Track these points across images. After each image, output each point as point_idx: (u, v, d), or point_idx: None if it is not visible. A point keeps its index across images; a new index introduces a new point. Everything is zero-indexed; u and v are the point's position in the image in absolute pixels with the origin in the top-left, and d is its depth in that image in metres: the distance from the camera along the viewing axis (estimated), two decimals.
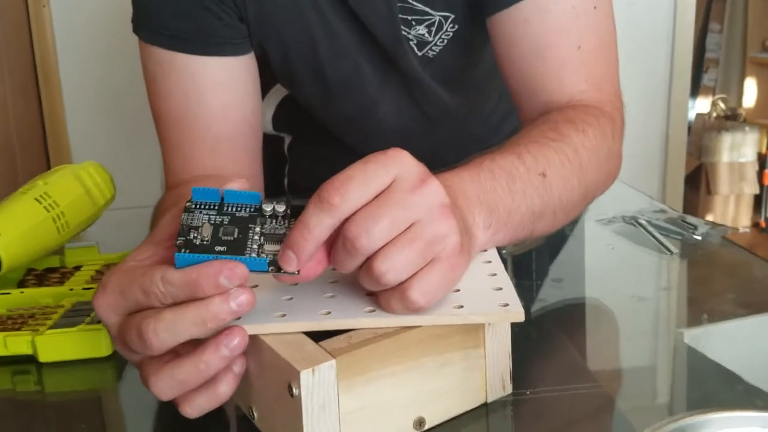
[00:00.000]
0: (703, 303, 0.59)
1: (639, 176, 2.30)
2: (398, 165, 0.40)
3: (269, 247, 0.40)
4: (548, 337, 0.54)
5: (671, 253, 0.67)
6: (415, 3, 0.69)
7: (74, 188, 0.71)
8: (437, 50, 0.74)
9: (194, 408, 0.40)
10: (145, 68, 0.71)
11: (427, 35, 0.72)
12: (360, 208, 0.39)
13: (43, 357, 0.52)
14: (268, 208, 0.40)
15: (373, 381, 0.39)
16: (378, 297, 0.41)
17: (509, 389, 0.45)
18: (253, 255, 0.39)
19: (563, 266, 0.70)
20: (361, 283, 0.40)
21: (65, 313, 0.57)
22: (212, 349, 0.38)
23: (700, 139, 3.01)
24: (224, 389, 0.40)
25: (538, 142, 0.57)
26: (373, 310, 0.41)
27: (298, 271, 0.39)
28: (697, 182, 2.98)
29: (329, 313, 0.40)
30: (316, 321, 0.40)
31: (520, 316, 0.41)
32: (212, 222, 0.40)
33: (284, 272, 0.39)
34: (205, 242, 0.39)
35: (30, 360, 0.53)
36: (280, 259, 0.39)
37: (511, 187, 0.52)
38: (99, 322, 0.54)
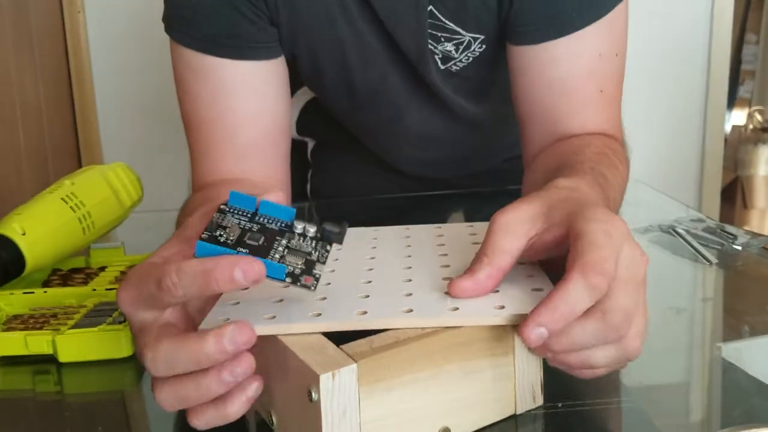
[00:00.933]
0: (743, 315, 0.57)
1: (675, 189, 2.26)
2: (626, 239, 0.40)
3: (291, 259, 0.39)
4: None
5: (710, 263, 0.65)
6: (447, 21, 0.69)
7: (101, 189, 0.70)
8: (461, 66, 0.74)
9: (201, 422, 0.38)
10: (175, 69, 0.70)
11: (453, 52, 0.72)
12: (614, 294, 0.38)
13: (63, 357, 0.52)
14: (299, 226, 0.40)
15: (395, 388, 0.37)
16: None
17: (540, 401, 0.43)
18: (275, 260, 0.38)
19: None
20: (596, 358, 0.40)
21: (87, 313, 0.56)
22: (214, 373, 0.36)
23: (736, 152, 2.95)
24: (233, 410, 0.37)
25: (603, 164, 0.58)
26: (411, 310, 0.39)
27: (314, 287, 0.39)
28: (733, 196, 2.92)
29: (365, 312, 0.39)
30: (353, 320, 0.38)
31: None
32: (241, 226, 0.39)
33: (301, 285, 0.38)
34: (229, 241, 0.39)
35: (50, 360, 0.53)
36: (526, 333, 0.37)
37: (614, 202, 0.54)
38: (121, 322, 0.53)
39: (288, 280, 0.39)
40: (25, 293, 0.61)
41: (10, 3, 1.72)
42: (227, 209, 0.40)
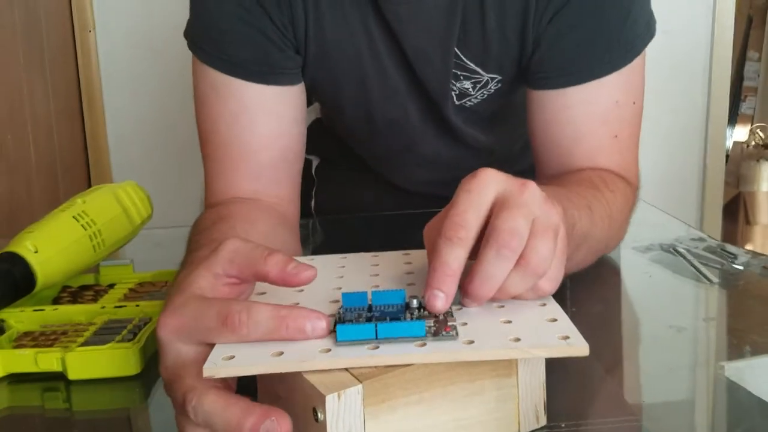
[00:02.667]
0: (745, 335, 0.57)
1: (676, 206, 2.26)
2: (494, 183, 0.42)
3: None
4: (584, 367, 0.52)
5: (711, 282, 0.65)
6: (468, 62, 0.71)
7: (112, 207, 0.72)
8: (475, 102, 0.76)
9: None
10: (196, 86, 0.71)
11: (470, 89, 0.74)
12: (495, 219, 0.40)
13: (73, 374, 0.53)
14: (414, 302, 0.42)
15: (399, 408, 0.38)
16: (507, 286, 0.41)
17: (543, 421, 0.43)
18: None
19: (599, 294, 0.68)
20: (510, 286, 0.41)
21: (96, 330, 0.57)
22: None
23: (739, 168, 2.95)
24: None
25: (580, 186, 0.61)
26: (424, 344, 0.39)
27: (456, 332, 0.40)
28: (736, 212, 2.92)
29: (377, 347, 0.39)
30: (366, 356, 0.38)
31: (584, 351, 0.38)
32: (365, 317, 0.41)
33: (443, 335, 0.39)
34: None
35: (60, 377, 0.53)
36: (428, 300, 0.40)
37: (571, 203, 0.55)
38: (129, 340, 0.54)
39: (429, 336, 0.39)
40: (35, 310, 0.61)
41: (23, 21, 1.74)
42: (346, 311, 0.41)
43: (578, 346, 0.38)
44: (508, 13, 0.67)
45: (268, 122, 0.69)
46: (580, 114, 0.67)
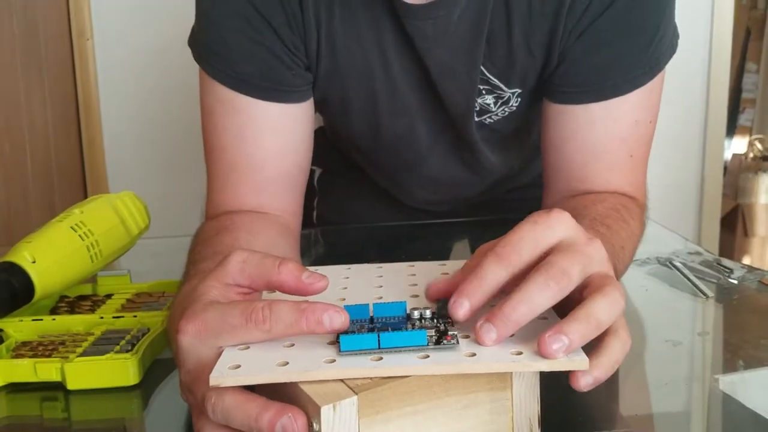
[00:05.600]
0: (740, 349, 0.58)
1: (674, 218, 2.27)
2: (564, 227, 0.42)
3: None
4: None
5: (707, 296, 0.66)
6: (492, 78, 0.70)
7: (109, 218, 0.72)
8: (495, 119, 0.75)
9: None
10: (203, 99, 0.71)
11: (492, 105, 0.73)
12: (552, 255, 0.40)
13: (72, 384, 0.53)
14: (416, 314, 0.42)
15: (394, 420, 0.38)
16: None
17: None
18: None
19: None
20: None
21: (95, 341, 0.57)
22: None
23: (737, 180, 2.96)
24: None
25: (613, 220, 0.60)
26: (428, 356, 0.39)
27: (457, 341, 0.40)
28: (734, 224, 2.93)
29: (381, 359, 0.39)
30: (368, 368, 0.38)
31: (585, 364, 0.39)
32: (368, 328, 0.41)
33: (444, 345, 0.39)
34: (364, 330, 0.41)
35: (58, 387, 0.54)
36: (452, 305, 0.40)
37: (612, 248, 0.55)
38: (127, 351, 0.54)
39: (430, 345, 0.39)
40: (33, 320, 0.62)
41: (21, 29, 1.75)
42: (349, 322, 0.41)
43: (578, 360, 0.39)
44: (535, 27, 0.66)
45: (274, 138, 0.69)
46: (599, 131, 0.66)
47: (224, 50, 0.68)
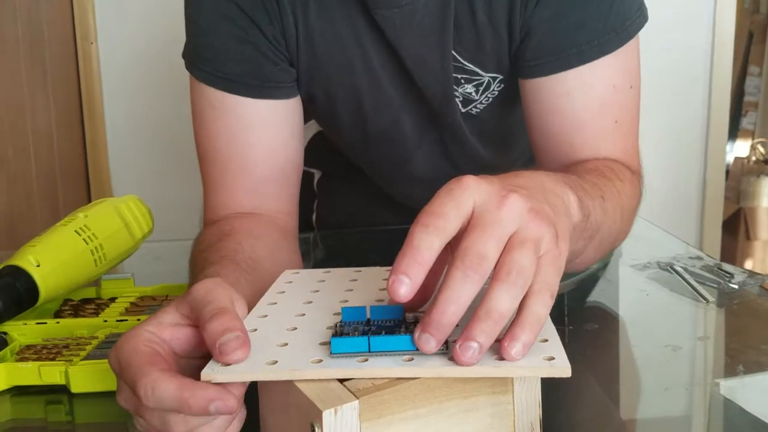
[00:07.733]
0: (740, 354, 0.58)
1: (676, 221, 2.27)
2: (476, 190, 0.41)
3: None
4: (580, 385, 0.53)
5: (707, 301, 0.66)
6: (466, 63, 0.71)
7: (114, 222, 0.72)
8: (481, 107, 0.76)
9: None
10: (194, 105, 0.72)
11: (474, 94, 0.74)
12: (465, 238, 0.39)
13: (75, 388, 0.53)
14: (410, 317, 0.42)
15: (395, 424, 0.38)
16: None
17: None
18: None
19: (596, 312, 0.69)
20: (496, 302, 0.39)
21: (99, 344, 0.58)
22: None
23: (739, 184, 2.96)
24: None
25: (591, 174, 0.60)
26: (412, 359, 0.40)
27: (447, 347, 0.39)
28: (736, 227, 2.92)
29: (366, 360, 0.40)
30: (353, 369, 0.39)
31: (566, 372, 0.39)
32: (362, 330, 0.42)
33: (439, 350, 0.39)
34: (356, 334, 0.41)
35: (62, 390, 0.54)
36: (391, 285, 0.38)
37: (585, 193, 0.54)
38: None
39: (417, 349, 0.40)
40: (37, 324, 0.62)
41: (26, 33, 1.76)
42: (344, 325, 0.42)
43: (560, 367, 0.39)
44: (494, 4, 0.67)
45: (265, 137, 0.70)
46: (577, 100, 0.67)
47: (212, 54, 0.69)
